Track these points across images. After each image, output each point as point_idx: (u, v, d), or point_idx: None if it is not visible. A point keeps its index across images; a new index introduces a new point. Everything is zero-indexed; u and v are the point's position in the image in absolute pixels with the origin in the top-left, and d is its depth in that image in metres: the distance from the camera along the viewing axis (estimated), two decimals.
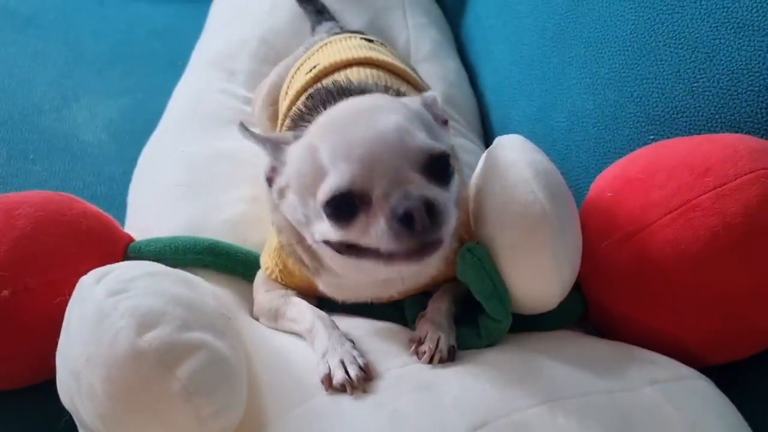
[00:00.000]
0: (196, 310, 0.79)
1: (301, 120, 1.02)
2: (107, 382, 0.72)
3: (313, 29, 1.58)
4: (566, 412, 0.78)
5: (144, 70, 1.85)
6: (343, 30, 1.49)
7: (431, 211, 0.79)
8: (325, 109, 0.96)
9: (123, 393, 0.72)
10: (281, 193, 0.94)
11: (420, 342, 0.89)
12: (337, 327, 0.94)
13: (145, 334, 0.72)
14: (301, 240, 0.96)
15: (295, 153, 0.91)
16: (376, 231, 0.81)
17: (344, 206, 0.83)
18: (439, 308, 0.96)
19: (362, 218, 0.82)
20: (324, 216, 0.85)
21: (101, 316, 0.74)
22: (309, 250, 0.96)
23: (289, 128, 1.08)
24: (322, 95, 1.04)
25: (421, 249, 0.81)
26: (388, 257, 0.82)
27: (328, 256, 0.91)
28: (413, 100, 0.97)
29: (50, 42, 1.88)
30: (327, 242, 0.88)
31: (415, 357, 0.89)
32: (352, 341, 0.91)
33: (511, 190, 0.90)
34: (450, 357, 0.88)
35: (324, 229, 0.86)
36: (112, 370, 0.72)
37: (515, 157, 0.93)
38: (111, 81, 1.79)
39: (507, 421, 0.77)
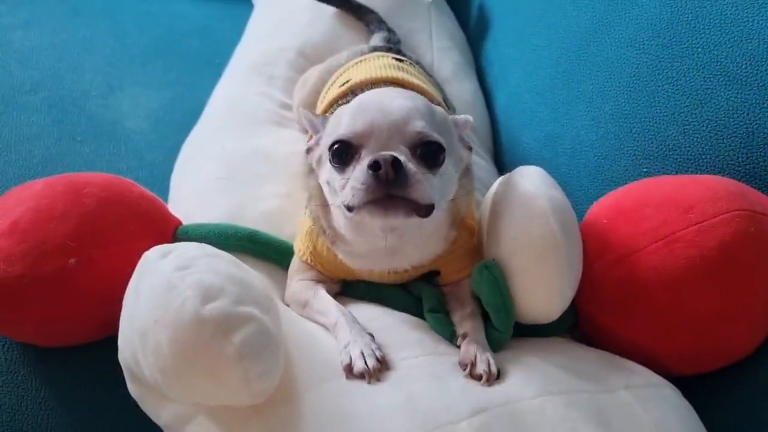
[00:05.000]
0: (247, 288, 0.86)
1: None
2: (173, 342, 0.79)
3: (371, 33, 1.62)
4: (554, 405, 0.87)
5: (183, 65, 1.86)
6: (389, 42, 1.54)
7: (400, 170, 0.88)
8: None
9: (185, 351, 0.79)
10: (319, 161, 1.04)
11: (473, 364, 0.93)
12: (358, 322, 1.00)
13: (207, 304, 0.80)
14: (325, 205, 1.05)
15: (330, 119, 1.05)
16: (354, 175, 0.92)
17: (342, 152, 0.96)
18: (475, 327, 1.01)
19: (352, 166, 0.94)
20: (329, 160, 0.98)
21: (170, 287, 0.82)
22: (329, 216, 1.05)
23: None
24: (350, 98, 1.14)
25: (386, 199, 0.90)
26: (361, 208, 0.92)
27: (336, 216, 1.02)
28: (442, 111, 1.06)
29: (97, 32, 1.90)
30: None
31: (417, 352, 0.96)
32: (371, 334, 0.97)
33: (531, 220, 0.98)
34: (498, 374, 0.93)
35: (328, 173, 0.99)
36: (177, 332, 0.79)
37: (536, 190, 1.00)
38: (153, 74, 1.81)
39: (504, 410, 0.86)
